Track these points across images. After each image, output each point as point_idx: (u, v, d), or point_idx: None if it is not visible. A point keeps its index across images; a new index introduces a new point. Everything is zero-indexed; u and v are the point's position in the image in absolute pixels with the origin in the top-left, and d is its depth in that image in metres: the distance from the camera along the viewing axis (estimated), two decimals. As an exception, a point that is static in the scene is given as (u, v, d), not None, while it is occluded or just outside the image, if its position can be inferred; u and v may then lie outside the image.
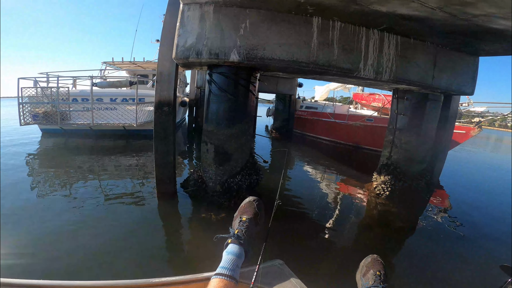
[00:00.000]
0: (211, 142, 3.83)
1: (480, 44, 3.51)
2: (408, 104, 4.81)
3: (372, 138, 10.32)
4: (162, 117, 3.84)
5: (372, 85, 5.05)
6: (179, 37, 3.11)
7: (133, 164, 6.13)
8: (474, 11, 2.23)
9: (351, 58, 3.37)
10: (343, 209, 4.64)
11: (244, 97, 3.69)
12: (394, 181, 4.92)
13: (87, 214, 3.51)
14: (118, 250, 2.80)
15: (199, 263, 2.69)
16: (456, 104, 5.48)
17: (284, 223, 3.62)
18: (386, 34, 3.39)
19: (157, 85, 3.73)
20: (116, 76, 10.35)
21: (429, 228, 4.12)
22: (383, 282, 1.13)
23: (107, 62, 11.33)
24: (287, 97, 12.01)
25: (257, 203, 1.30)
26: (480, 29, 2.73)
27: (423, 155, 4.96)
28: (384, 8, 2.45)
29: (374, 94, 11.76)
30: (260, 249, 1.18)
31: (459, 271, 3.03)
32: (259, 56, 3.09)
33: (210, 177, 3.91)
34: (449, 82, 4.22)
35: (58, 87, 7.54)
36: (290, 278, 1.14)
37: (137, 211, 3.75)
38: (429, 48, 3.81)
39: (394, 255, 3.35)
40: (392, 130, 5.11)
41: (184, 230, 3.51)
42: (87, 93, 8.21)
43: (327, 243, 3.46)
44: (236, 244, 1.08)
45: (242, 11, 2.97)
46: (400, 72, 3.73)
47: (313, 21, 3.07)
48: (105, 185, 4.63)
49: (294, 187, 5.45)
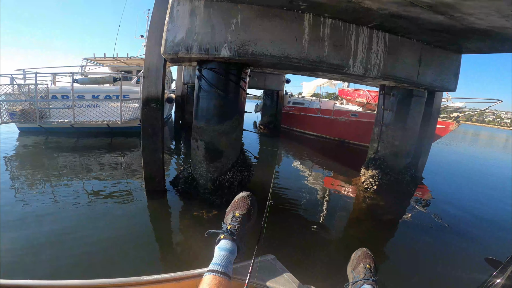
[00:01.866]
0: (202, 139, 3.77)
1: (464, 42, 3.63)
2: (394, 100, 4.93)
3: (356, 133, 10.54)
4: (149, 113, 3.75)
5: (360, 81, 5.13)
6: (168, 32, 3.02)
7: (118, 162, 5.95)
8: (462, 10, 2.30)
9: (341, 55, 3.40)
10: (332, 204, 4.73)
11: (235, 93, 3.65)
12: (382, 175, 5.05)
13: (71, 216, 3.36)
14: (107, 251, 2.72)
15: (192, 260, 2.67)
16: (439, 100, 5.67)
17: (274, 218, 3.60)
18: (375, 31, 3.44)
19: (144, 81, 3.62)
20: (99, 73, 9.98)
21: (415, 220, 4.27)
22: (373, 275, 1.15)
23: (88, 58, 10.89)
24: (274, 93, 12.04)
25: (251, 199, 1.28)
26: (465, 27, 2.82)
27: (408, 149, 5.11)
28: (375, 5, 2.48)
29: (359, 90, 12.00)
30: (253, 245, 1.17)
31: (445, 262, 3.14)
32: (250, 52, 3.06)
33: (201, 174, 3.86)
34: (433, 79, 4.35)
35: (36, 84, 7.17)
36: (282, 273, 1.13)
37: (125, 211, 3.65)
38: (415, 45, 3.90)
39: (383, 247, 3.45)
40: (379, 125, 5.22)
41: (176, 228, 3.45)
42: (67, 90, 7.86)
43: (318, 237, 3.50)
44: (228, 239, 1.06)
45: (234, 6, 2.92)
46: (388, 69, 3.81)
47: (304, 18, 3.07)
48: (89, 184, 4.46)
49: (283, 182, 5.47)
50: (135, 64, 11.22)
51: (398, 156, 5.07)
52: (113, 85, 8.82)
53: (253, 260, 1.11)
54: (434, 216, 4.43)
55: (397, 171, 5.07)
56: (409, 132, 4.99)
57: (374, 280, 1.12)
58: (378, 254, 3.10)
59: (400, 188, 5.06)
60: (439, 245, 3.54)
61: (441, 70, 4.38)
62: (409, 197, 5.18)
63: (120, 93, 7.62)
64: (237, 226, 1.11)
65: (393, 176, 5.04)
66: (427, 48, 4.04)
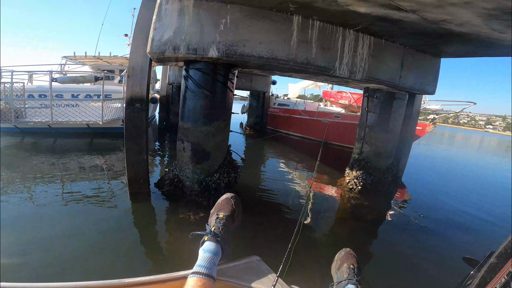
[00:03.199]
0: (188, 140, 3.71)
1: (443, 46, 3.79)
2: (377, 103, 5.06)
3: (339, 134, 10.74)
4: (134, 114, 3.64)
5: (345, 84, 5.24)
6: (155, 31, 2.95)
7: (99, 164, 5.75)
8: (444, 15, 2.40)
9: (328, 57, 3.45)
10: (317, 204, 4.78)
11: (222, 94, 3.62)
12: (365, 176, 5.17)
13: (49, 220, 3.20)
14: (88, 255, 2.61)
15: (178, 263, 2.62)
16: (419, 102, 5.89)
17: (259, 219, 3.64)
18: (361, 34, 3.52)
19: (128, 80, 3.51)
20: (80, 71, 9.60)
21: (395, 220, 4.41)
22: (356, 275, 1.18)
23: (68, 56, 10.46)
24: (261, 94, 12.07)
25: (235, 200, 1.27)
26: (445, 31, 2.94)
27: (390, 150, 5.27)
28: (362, 9, 2.54)
29: (342, 92, 12.25)
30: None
31: (425, 259, 3.26)
32: (239, 52, 3.05)
33: (187, 175, 3.80)
34: (414, 82, 4.51)
35: (12, 82, 6.80)
36: (267, 274, 1.13)
37: (108, 214, 3.52)
38: (398, 49, 4.03)
39: (367, 246, 3.53)
40: (363, 127, 5.35)
41: (161, 230, 3.36)
42: (45, 88, 7.51)
43: (303, 237, 3.51)
44: (213, 241, 1.06)
45: (223, 6, 2.90)
46: (372, 72, 3.90)
47: (293, 19, 3.09)
48: (67, 187, 4.27)
49: (268, 183, 5.49)
50: (118, 63, 10.89)
51: (381, 157, 5.21)
52: (93, 85, 8.52)
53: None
54: (412, 216, 4.57)
55: (380, 172, 5.21)
56: (391, 133, 5.14)
57: (357, 280, 1.15)
58: (361, 252, 3.17)
59: (382, 188, 5.21)
60: (419, 245, 3.67)
61: (421, 74, 4.54)
62: (390, 197, 5.34)
63: (102, 92, 7.37)
64: (221, 228, 1.11)
65: (376, 176, 5.18)
66: (409, 52, 4.18)
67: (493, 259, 0.88)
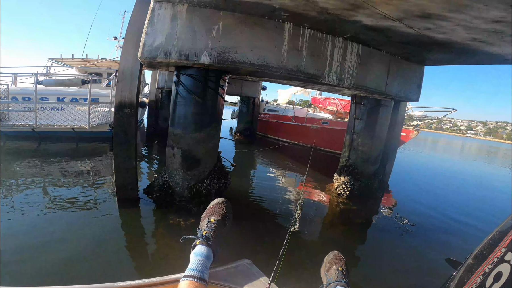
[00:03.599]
0: (178, 147, 3.68)
1: (427, 54, 3.94)
2: (364, 110, 5.19)
3: (326, 140, 10.88)
4: (123, 119, 3.59)
5: (334, 91, 5.35)
6: (147, 35, 2.94)
7: (85, 170, 5.60)
8: (428, 24, 2.52)
9: (317, 65, 3.53)
10: (307, 209, 4.83)
11: (213, 100, 3.63)
12: (353, 181, 5.27)
13: (33, 227, 3.08)
14: (75, 261, 2.54)
15: (168, 269, 2.57)
16: (403, 109, 6.07)
17: (250, 223, 3.64)
18: (349, 42, 3.63)
19: (118, 85, 3.48)
20: (66, 74, 9.38)
21: (381, 224, 4.50)
22: (345, 277, 1.22)
23: (54, 58, 10.19)
24: (251, 100, 12.12)
25: (226, 205, 1.30)
26: (429, 40, 3.07)
27: (376, 156, 5.40)
28: (351, 18, 2.63)
29: (330, 99, 12.46)
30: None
31: (410, 262, 3.35)
32: (231, 59, 3.08)
33: (177, 182, 3.76)
34: (398, 89, 4.65)
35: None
36: (258, 277, 1.16)
37: (95, 221, 3.41)
38: (384, 57, 4.16)
39: (355, 249, 3.61)
40: (351, 133, 5.46)
41: (151, 236, 3.30)
42: (29, 91, 7.29)
43: (294, 240, 3.55)
44: (204, 245, 1.08)
45: (216, 13, 2.93)
46: (359, 80, 4.01)
47: (285, 27, 3.16)
48: (52, 193, 4.14)
49: (258, 189, 5.50)
50: (105, 66, 10.71)
51: (368, 163, 5.33)
52: (79, 88, 8.34)
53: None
54: (397, 219, 4.69)
55: (367, 177, 5.32)
56: (377, 140, 5.27)
57: (346, 282, 1.19)
58: (349, 255, 3.24)
59: (369, 193, 5.32)
60: (404, 247, 3.77)
61: (406, 81, 4.70)
62: (377, 201, 5.46)
63: (89, 96, 7.22)
64: (212, 232, 1.14)
65: (363, 181, 5.28)
66: (394, 60, 4.32)
67: (470, 260, 0.90)
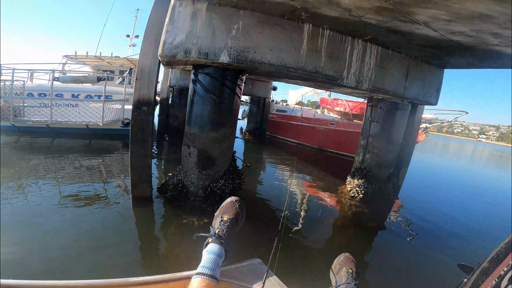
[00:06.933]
0: (194, 146, 3.68)
1: (448, 57, 3.83)
2: (381, 113, 5.10)
3: (334, 141, 10.75)
4: (140, 117, 3.61)
5: (351, 93, 5.27)
6: (167, 33, 2.94)
7: (97, 165, 5.66)
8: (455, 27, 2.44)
9: (336, 66, 3.47)
10: (318, 211, 4.78)
11: (230, 100, 3.61)
12: (367, 184, 5.18)
13: (49, 221, 3.11)
14: (89, 256, 2.58)
15: (180, 267, 2.57)
16: (420, 113, 5.94)
17: (261, 223, 3.62)
18: (369, 44, 3.56)
19: (136, 83, 3.49)
20: (81, 71, 9.53)
21: (395, 227, 4.42)
22: (355, 279, 1.21)
23: (68, 55, 10.37)
24: (261, 100, 12.07)
25: (239, 203, 1.30)
26: (451, 43, 2.98)
27: (391, 159, 5.30)
28: (374, 20, 2.57)
29: (337, 100, 12.29)
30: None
31: (423, 266, 3.29)
32: (250, 59, 3.05)
33: (192, 181, 3.76)
34: (417, 93, 4.55)
35: (12, 80, 6.71)
36: (268, 277, 1.16)
37: (109, 217, 3.43)
38: (404, 60, 4.07)
39: (366, 253, 3.56)
40: (366, 136, 5.37)
41: (164, 235, 3.31)
42: (45, 87, 7.45)
43: (304, 242, 3.52)
44: (217, 243, 1.08)
45: (236, 11, 2.91)
46: (378, 82, 3.93)
47: (304, 28, 3.11)
48: (66, 189, 4.18)
49: (268, 190, 5.47)
50: (118, 64, 10.84)
51: (383, 166, 5.24)
52: (94, 85, 8.46)
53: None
54: (409, 224, 4.60)
55: (381, 181, 5.23)
56: (393, 143, 5.17)
57: (355, 284, 1.18)
58: (360, 258, 3.19)
59: (383, 197, 5.22)
60: (416, 252, 3.71)
61: (425, 84, 4.59)
62: (391, 205, 5.36)
63: (103, 93, 7.30)
64: (225, 230, 1.14)
65: (377, 185, 5.19)
66: (413, 63, 4.22)
67: (486, 264, 0.92)
